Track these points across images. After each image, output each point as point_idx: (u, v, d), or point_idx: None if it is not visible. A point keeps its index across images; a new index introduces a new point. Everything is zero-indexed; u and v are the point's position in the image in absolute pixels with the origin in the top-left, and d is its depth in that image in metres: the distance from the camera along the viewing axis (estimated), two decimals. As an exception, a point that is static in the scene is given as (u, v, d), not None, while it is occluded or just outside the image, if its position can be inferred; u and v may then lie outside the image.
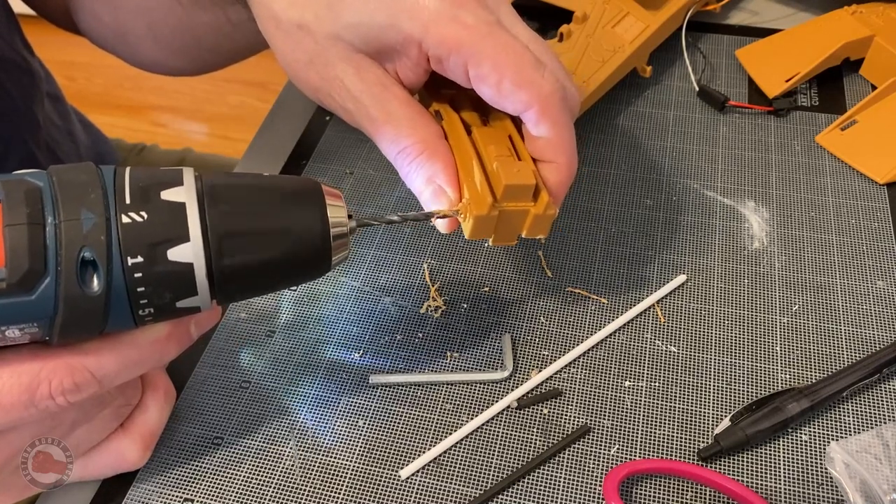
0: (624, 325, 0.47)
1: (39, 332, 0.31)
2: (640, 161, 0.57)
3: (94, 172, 0.31)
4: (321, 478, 0.41)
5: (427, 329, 0.47)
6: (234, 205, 0.33)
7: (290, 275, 0.35)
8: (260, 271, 0.33)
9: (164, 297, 0.32)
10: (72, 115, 0.69)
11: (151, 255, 0.31)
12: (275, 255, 0.33)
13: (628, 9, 0.60)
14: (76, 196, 0.30)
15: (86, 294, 0.30)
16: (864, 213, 0.52)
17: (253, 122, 0.64)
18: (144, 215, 0.31)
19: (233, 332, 0.48)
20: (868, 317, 0.46)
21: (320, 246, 0.34)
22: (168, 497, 0.40)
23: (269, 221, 0.33)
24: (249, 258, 0.33)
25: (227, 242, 0.32)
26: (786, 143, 0.57)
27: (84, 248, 0.30)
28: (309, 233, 0.34)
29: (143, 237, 0.30)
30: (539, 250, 0.51)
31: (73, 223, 0.30)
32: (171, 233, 0.31)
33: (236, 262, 0.32)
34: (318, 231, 0.34)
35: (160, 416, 0.40)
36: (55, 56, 0.78)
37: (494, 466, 0.41)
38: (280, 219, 0.34)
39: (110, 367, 0.33)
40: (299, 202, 0.34)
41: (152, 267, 0.31)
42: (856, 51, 0.61)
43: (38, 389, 0.31)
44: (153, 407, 0.40)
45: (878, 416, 0.42)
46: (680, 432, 0.42)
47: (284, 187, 0.35)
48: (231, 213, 0.32)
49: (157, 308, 0.32)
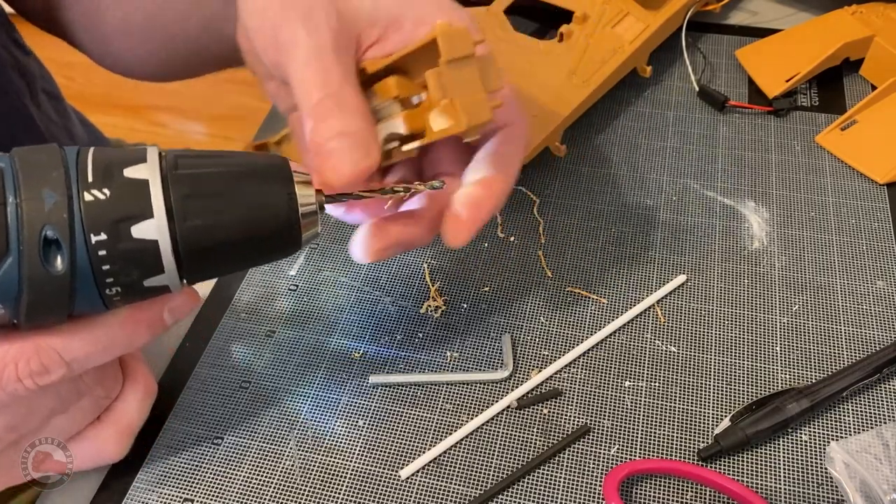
0: (624, 325, 0.47)
1: (6, 315, 0.31)
2: (640, 161, 0.57)
3: (56, 152, 0.31)
4: (321, 478, 0.41)
5: (427, 329, 0.47)
6: (199, 181, 0.32)
7: (258, 251, 0.34)
8: (227, 248, 0.33)
9: (131, 276, 0.31)
10: (71, 115, 0.69)
11: (115, 232, 0.30)
12: (242, 232, 0.33)
13: (628, 9, 0.60)
14: (38, 175, 0.30)
15: (50, 273, 0.30)
16: (864, 213, 0.52)
17: (253, 122, 0.64)
18: (107, 192, 0.30)
19: (233, 332, 0.48)
20: (868, 317, 0.46)
21: (288, 222, 0.34)
22: (168, 497, 0.40)
23: (235, 198, 0.33)
24: (216, 235, 0.32)
25: (192, 219, 0.32)
26: (786, 143, 0.57)
27: (46, 226, 0.29)
28: (276, 209, 0.33)
29: (106, 214, 0.30)
30: (539, 250, 0.51)
31: (34, 202, 0.29)
32: (134, 209, 0.31)
33: (203, 238, 0.32)
34: (285, 207, 0.34)
35: (140, 409, 0.40)
36: (55, 56, 0.77)
37: (494, 466, 0.41)
38: (246, 195, 0.33)
39: (78, 349, 0.33)
40: (266, 178, 0.34)
41: (116, 244, 0.30)
42: (856, 51, 0.61)
43: (5, 372, 0.31)
44: (133, 400, 0.39)
45: (878, 416, 0.42)
46: (680, 432, 0.42)
47: (251, 164, 0.34)
48: (196, 189, 0.32)
49: (125, 287, 0.31)
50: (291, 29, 0.37)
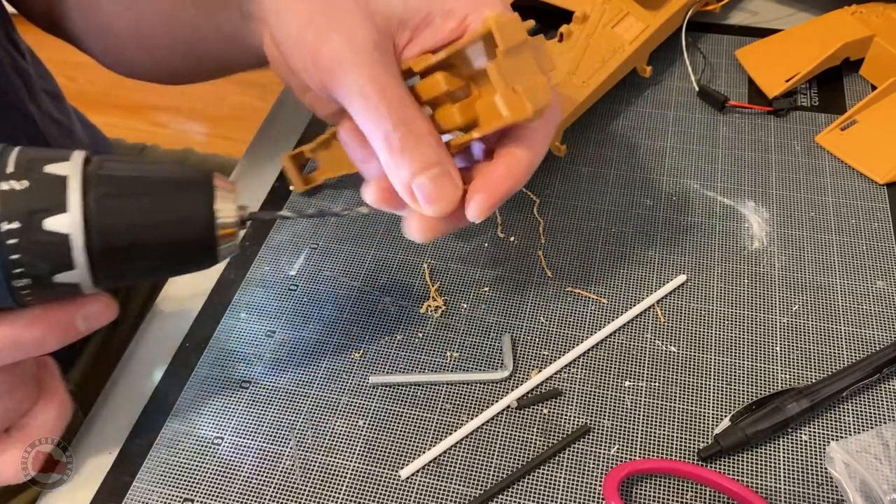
0: (624, 325, 0.47)
1: None
2: (640, 161, 0.57)
3: None
4: (321, 478, 0.41)
5: (427, 329, 0.47)
6: (119, 182, 0.32)
7: (173, 259, 0.34)
8: (141, 251, 0.33)
9: (41, 268, 0.31)
10: (72, 114, 0.69)
11: (28, 222, 0.30)
12: (157, 236, 0.33)
13: (628, 9, 0.60)
14: None
15: None
16: (864, 213, 0.52)
17: (253, 122, 0.64)
18: (25, 184, 0.31)
19: (233, 332, 0.48)
20: (868, 317, 0.46)
21: (204, 234, 0.34)
22: (168, 497, 0.40)
23: (153, 202, 0.33)
24: (130, 235, 0.32)
25: (107, 217, 0.32)
26: (786, 143, 0.57)
27: None
28: (193, 217, 0.34)
29: (21, 204, 0.30)
30: (539, 250, 0.51)
31: None
32: (49, 202, 0.31)
33: (116, 238, 0.32)
34: (202, 217, 0.34)
35: (52, 427, 0.38)
36: (55, 56, 0.77)
37: (494, 466, 0.41)
38: (164, 201, 0.33)
39: None
40: (187, 188, 0.34)
41: (28, 234, 0.30)
42: (856, 51, 0.61)
43: None
44: (45, 418, 0.37)
45: (878, 416, 0.42)
46: (680, 432, 0.42)
47: (174, 173, 0.34)
48: (114, 190, 0.32)
49: (34, 279, 0.31)
50: (334, 51, 0.36)
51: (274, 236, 0.53)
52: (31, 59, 0.63)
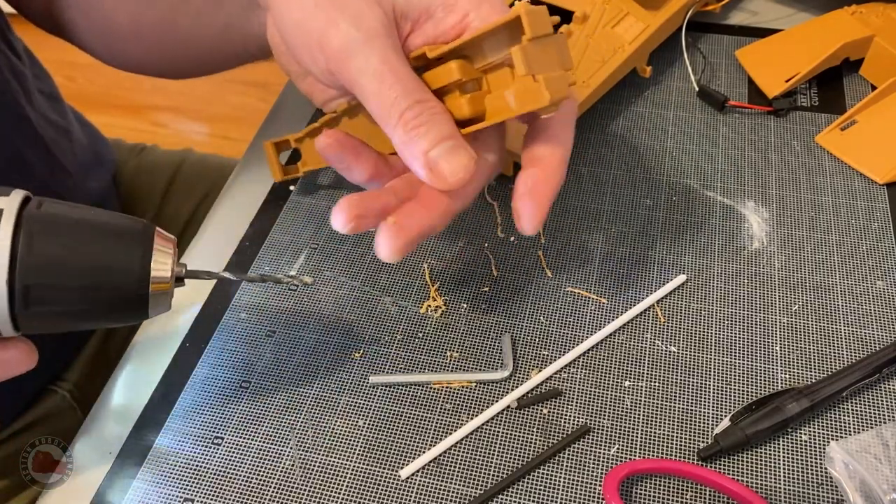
0: (624, 325, 0.47)
1: None
2: (640, 161, 0.57)
3: None
4: (321, 478, 0.41)
5: (427, 329, 0.47)
6: (55, 223, 0.32)
7: (100, 307, 0.33)
8: (65, 297, 0.32)
9: None
10: (70, 115, 0.69)
11: None
12: (84, 281, 0.32)
13: (628, 9, 0.60)
14: None
15: None
16: (864, 213, 0.52)
17: (253, 122, 0.64)
18: None
19: (233, 332, 0.48)
20: (868, 317, 0.46)
21: (135, 288, 0.33)
22: (168, 497, 0.40)
23: (86, 249, 0.32)
24: (56, 276, 0.32)
25: (34, 261, 0.31)
26: (785, 143, 0.57)
27: None
28: (124, 269, 0.33)
29: None
30: (539, 250, 0.51)
31: None
32: None
33: (41, 277, 0.31)
34: (136, 267, 0.33)
35: None
36: (55, 56, 0.78)
37: (494, 466, 0.41)
38: (98, 249, 0.33)
39: None
40: (124, 237, 0.33)
41: None
42: (856, 51, 0.61)
43: None
44: None
45: (878, 416, 0.42)
46: (680, 432, 0.42)
47: (115, 221, 0.34)
48: (48, 229, 0.31)
49: None
50: (343, 35, 0.36)
51: (274, 236, 0.53)
52: (27, 60, 0.63)
